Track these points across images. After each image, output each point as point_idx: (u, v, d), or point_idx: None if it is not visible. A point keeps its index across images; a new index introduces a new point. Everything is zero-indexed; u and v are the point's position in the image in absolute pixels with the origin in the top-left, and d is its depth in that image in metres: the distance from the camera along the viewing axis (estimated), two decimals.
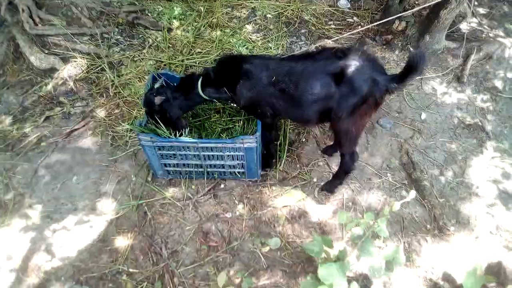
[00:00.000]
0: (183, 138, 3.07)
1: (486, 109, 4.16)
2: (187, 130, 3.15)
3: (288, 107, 2.88)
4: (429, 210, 3.36)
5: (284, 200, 3.40)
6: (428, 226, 3.28)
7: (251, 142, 3.00)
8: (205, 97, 3.10)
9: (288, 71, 2.76)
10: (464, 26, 4.83)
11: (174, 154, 3.21)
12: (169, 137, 3.08)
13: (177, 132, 3.10)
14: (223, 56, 3.12)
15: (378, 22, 3.09)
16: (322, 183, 3.49)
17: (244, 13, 5.04)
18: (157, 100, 3.05)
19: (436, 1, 3.29)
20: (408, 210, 3.36)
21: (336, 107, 2.70)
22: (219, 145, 3.06)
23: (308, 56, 2.81)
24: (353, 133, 2.85)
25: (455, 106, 4.18)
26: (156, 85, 3.10)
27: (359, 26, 4.82)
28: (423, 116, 4.07)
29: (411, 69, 2.42)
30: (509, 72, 4.50)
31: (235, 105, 3.17)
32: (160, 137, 3.05)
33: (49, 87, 4.10)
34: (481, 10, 5.22)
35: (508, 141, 3.88)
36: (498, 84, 4.38)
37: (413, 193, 2.39)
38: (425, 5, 3.34)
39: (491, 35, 4.81)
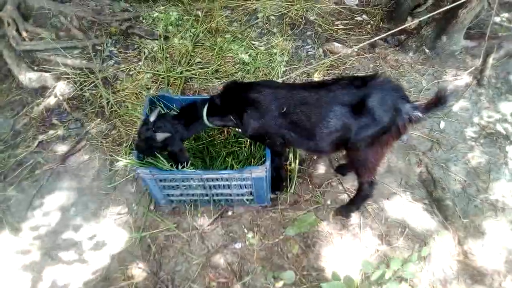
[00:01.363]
0: (185, 170, 2.83)
1: (508, 114, 3.88)
2: (187, 162, 2.90)
3: (300, 139, 2.66)
4: (453, 232, 3.13)
5: (297, 226, 3.17)
6: (453, 251, 3.05)
7: (260, 172, 2.76)
8: (210, 125, 2.86)
9: (300, 101, 2.53)
10: (482, 22, 4.50)
11: (177, 185, 2.98)
12: (170, 169, 2.83)
13: (178, 164, 2.86)
14: (229, 82, 2.85)
15: (391, 31, 2.80)
16: (336, 206, 3.26)
17: (245, 16, 4.73)
18: (160, 137, 2.75)
19: (459, 2, 2.99)
20: (430, 233, 3.13)
21: (354, 138, 2.48)
22: (225, 175, 2.83)
23: (322, 85, 2.57)
24: (373, 162, 2.63)
25: (475, 112, 3.90)
26: (152, 118, 2.80)
27: (369, 26, 4.51)
28: (442, 125, 3.80)
29: (438, 101, 2.26)
30: None
31: (240, 130, 2.92)
32: (160, 169, 2.82)
33: (41, 107, 3.85)
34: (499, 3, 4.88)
35: None
36: None
37: (444, 233, 2.19)
38: (444, 8, 3.04)
39: (510, 29, 4.49)
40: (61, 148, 3.67)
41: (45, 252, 3.09)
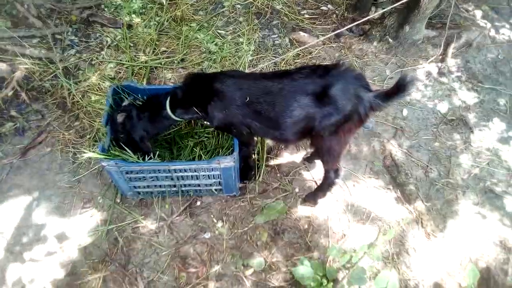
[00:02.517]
0: (152, 162, 2.78)
1: (468, 102, 4.03)
2: (154, 153, 2.85)
3: (265, 128, 2.66)
4: (416, 216, 3.24)
5: (266, 214, 3.19)
6: (416, 233, 3.15)
7: (228, 162, 2.75)
8: (175, 118, 2.81)
9: (263, 91, 2.52)
10: (443, 12, 4.63)
11: (144, 177, 2.93)
12: (136, 161, 2.78)
13: (145, 156, 2.82)
14: (189, 74, 2.81)
15: (357, 22, 2.83)
16: (304, 193, 3.30)
17: (211, 5, 4.66)
18: (119, 117, 2.74)
19: None
20: (394, 217, 3.23)
21: (318, 126, 2.50)
22: (193, 166, 2.80)
23: (285, 74, 2.56)
24: (337, 150, 2.67)
25: (437, 99, 4.03)
26: (124, 103, 2.81)
27: (334, 15, 4.54)
28: (405, 112, 3.90)
29: (399, 89, 2.27)
30: (489, 60, 4.37)
31: (208, 123, 2.90)
32: (126, 161, 2.75)
33: None
34: None
35: (491, 136, 3.77)
36: (479, 73, 4.25)
37: (408, 218, 2.25)
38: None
39: (469, 21, 4.64)
40: (21, 141, 3.52)
41: (8, 249, 2.97)
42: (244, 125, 2.69)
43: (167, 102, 2.78)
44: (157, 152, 2.90)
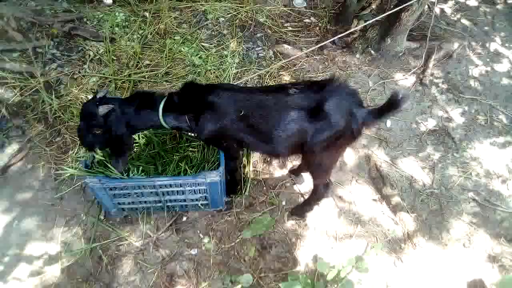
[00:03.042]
0: (137, 177, 2.74)
1: (450, 112, 4.09)
2: (138, 168, 2.79)
3: (257, 142, 2.63)
4: (402, 227, 3.26)
5: (253, 228, 3.16)
6: (402, 245, 3.17)
7: (215, 177, 2.73)
8: (162, 122, 2.68)
9: (258, 105, 2.50)
10: (423, 25, 4.72)
11: (128, 193, 2.88)
12: (120, 177, 2.72)
13: (123, 154, 2.68)
14: (188, 82, 2.73)
15: (340, 35, 2.86)
16: (291, 207, 3.29)
17: (194, 17, 4.66)
18: (102, 109, 2.47)
19: (402, 6, 3.10)
20: (381, 229, 3.24)
21: (310, 141, 2.49)
22: (179, 181, 2.76)
23: (280, 88, 2.55)
24: (327, 165, 2.68)
25: (419, 110, 4.09)
26: (99, 95, 2.57)
27: (317, 28, 4.59)
28: (388, 123, 3.94)
29: (391, 106, 2.28)
30: (469, 71, 4.46)
31: (193, 135, 2.86)
32: (110, 178, 2.70)
33: None
34: (438, 7, 5.14)
35: (473, 146, 3.84)
36: (459, 84, 4.33)
37: (395, 231, 2.26)
38: (388, 12, 3.15)
39: (449, 33, 4.75)
40: (1, 158, 3.43)
41: None
42: (236, 139, 2.66)
43: (162, 104, 2.65)
44: (141, 168, 2.85)
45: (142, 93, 2.76)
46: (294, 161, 3.57)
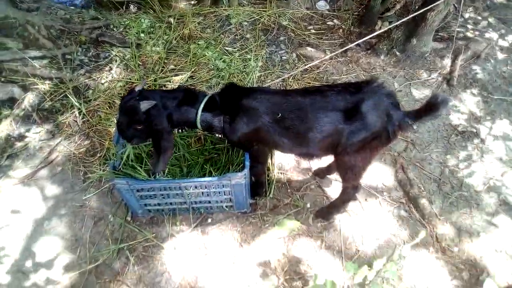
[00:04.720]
0: (163, 179, 2.77)
1: (478, 113, 4.00)
2: (164, 171, 2.81)
3: (292, 145, 2.61)
4: (430, 230, 3.18)
5: (278, 231, 3.15)
6: (431, 248, 3.10)
7: (240, 178, 2.74)
8: (198, 120, 2.64)
9: (294, 107, 2.48)
10: (449, 25, 4.63)
11: (154, 195, 2.92)
12: (147, 179, 2.77)
13: (164, 152, 2.56)
14: (228, 84, 2.71)
15: (366, 37, 2.83)
16: (316, 209, 3.27)
17: (218, 22, 4.71)
18: (144, 105, 2.39)
19: (425, 9, 3.05)
20: (408, 231, 3.17)
21: (345, 142, 2.45)
22: (204, 183, 2.79)
23: (317, 91, 2.53)
24: (360, 167, 2.63)
25: (447, 111, 4.00)
26: (138, 88, 2.53)
27: (340, 30, 4.56)
28: (415, 125, 3.87)
29: (430, 109, 2.24)
30: (498, 71, 4.35)
31: (220, 136, 2.87)
32: (137, 179, 2.75)
33: (9, 120, 3.71)
34: (465, 5, 5.04)
35: (503, 147, 3.73)
36: (488, 85, 4.22)
37: (423, 233, 2.22)
38: (415, 14, 3.11)
39: (476, 32, 4.64)
40: (32, 161, 3.54)
41: (17, 270, 2.95)
42: (269, 141, 2.64)
43: (203, 102, 2.63)
44: (166, 170, 2.88)
45: (185, 89, 2.71)
46: (319, 164, 3.54)
